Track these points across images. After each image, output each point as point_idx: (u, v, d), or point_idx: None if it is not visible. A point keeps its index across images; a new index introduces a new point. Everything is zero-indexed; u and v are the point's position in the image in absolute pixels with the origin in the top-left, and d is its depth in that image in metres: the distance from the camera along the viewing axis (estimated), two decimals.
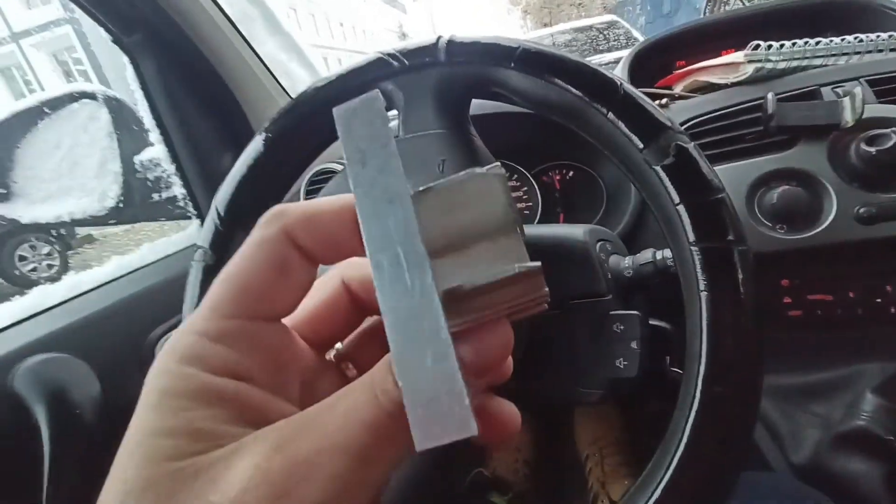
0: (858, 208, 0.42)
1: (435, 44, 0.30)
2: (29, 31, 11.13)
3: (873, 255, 0.43)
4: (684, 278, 0.25)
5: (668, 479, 0.22)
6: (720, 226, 0.23)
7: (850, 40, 0.53)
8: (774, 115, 0.45)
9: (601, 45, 2.93)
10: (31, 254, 2.46)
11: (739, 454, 0.22)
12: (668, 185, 0.24)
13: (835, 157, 0.44)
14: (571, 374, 0.36)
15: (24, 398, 0.41)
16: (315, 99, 0.33)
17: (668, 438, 0.23)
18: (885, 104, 0.46)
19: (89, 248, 3.20)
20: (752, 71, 0.53)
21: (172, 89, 0.61)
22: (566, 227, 0.39)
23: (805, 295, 0.46)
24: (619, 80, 0.26)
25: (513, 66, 0.28)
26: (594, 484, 0.68)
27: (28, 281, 2.37)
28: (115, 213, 0.70)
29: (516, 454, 0.75)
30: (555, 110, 0.28)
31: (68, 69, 11.18)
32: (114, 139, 0.67)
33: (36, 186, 0.70)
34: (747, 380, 0.22)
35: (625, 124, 0.25)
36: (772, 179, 0.46)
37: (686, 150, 0.24)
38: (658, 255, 0.36)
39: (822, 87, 0.49)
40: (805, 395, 0.47)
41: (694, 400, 0.22)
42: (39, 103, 0.68)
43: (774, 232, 0.44)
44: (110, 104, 0.68)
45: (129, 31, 0.59)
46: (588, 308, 0.35)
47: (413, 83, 0.31)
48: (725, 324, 0.22)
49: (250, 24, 0.66)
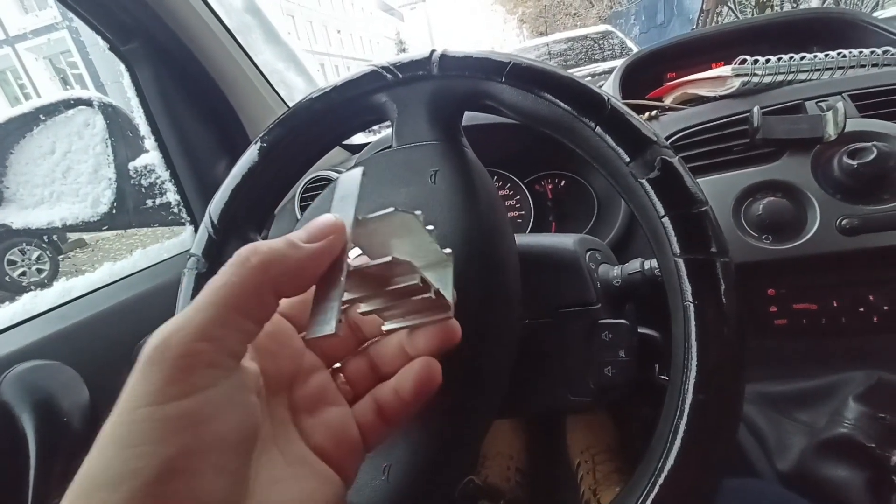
0: (841, 220, 0.43)
1: (428, 57, 0.31)
2: (25, 34, 11.09)
3: (856, 265, 0.44)
4: (669, 288, 0.25)
5: (653, 486, 0.22)
6: (703, 238, 0.24)
7: (834, 56, 0.54)
8: (760, 128, 0.46)
9: (596, 54, 2.97)
10: (20, 258, 2.43)
11: (723, 459, 0.23)
12: (653, 197, 0.25)
13: (818, 170, 0.45)
14: (562, 382, 0.36)
15: (12, 406, 0.41)
16: (311, 110, 0.34)
17: (653, 446, 0.24)
18: (866, 118, 0.47)
19: (80, 253, 3.17)
20: (738, 84, 0.54)
21: (169, 97, 0.61)
22: (557, 236, 0.40)
23: (790, 304, 0.46)
24: (607, 96, 0.27)
25: (504, 80, 0.29)
26: (586, 491, 0.68)
27: (17, 286, 2.34)
28: (108, 219, 0.69)
29: (508, 462, 0.75)
30: (544, 123, 0.29)
31: (64, 74, 11.13)
32: (108, 145, 0.67)
33: (28, 191, 0.70)
34: (730, 386, 0.23)
35: (612, 138, 0.26)
36: (758, 191, 0.47)
37: (671, 164, 0.25)
38: (646, 265, 0.36)
39: (806, 101, 0.50)
40: (790, 402, 0.48)
41: (678, 407, 0.23)
42: (35, 109, 0.68)
43: (760, 242, 0.45)
44: (106, 111, 0.68)
45: (127, 40, 0.59)
46: (578, 316, 0.36)
47: (406, 95, 0.32)
48: (708, 332, 0.23)
49: (248, 33, 0.67)
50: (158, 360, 0.14)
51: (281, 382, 0.20)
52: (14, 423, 0.41)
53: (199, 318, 0.15)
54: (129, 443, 0.13)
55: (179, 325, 0.15)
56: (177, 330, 0.15)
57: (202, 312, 0.15)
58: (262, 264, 0.16)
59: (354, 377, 0.22)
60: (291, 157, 0.35)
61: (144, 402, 0.14)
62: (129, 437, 0.13)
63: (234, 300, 0.15)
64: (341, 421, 0.20)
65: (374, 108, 0.33)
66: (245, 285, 0.16)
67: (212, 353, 0.15)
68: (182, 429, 0.14)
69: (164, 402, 0.14)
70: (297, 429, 0.19)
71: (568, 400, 0.36)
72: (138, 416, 0.14)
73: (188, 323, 0.15)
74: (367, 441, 0.21)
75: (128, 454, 0.13)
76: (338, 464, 0.19)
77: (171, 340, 0.14)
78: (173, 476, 0.13)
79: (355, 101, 0.33)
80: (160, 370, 0.14)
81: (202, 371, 0.15)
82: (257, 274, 0.16)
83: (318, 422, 0.20)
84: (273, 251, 0.17)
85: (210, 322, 0.15)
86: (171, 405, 0.14)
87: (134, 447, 0.13)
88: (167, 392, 0.14)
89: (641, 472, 0.24)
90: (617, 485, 0.67)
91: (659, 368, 0.35)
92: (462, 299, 0.28)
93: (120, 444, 0.13)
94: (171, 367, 0.14)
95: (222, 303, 0.15)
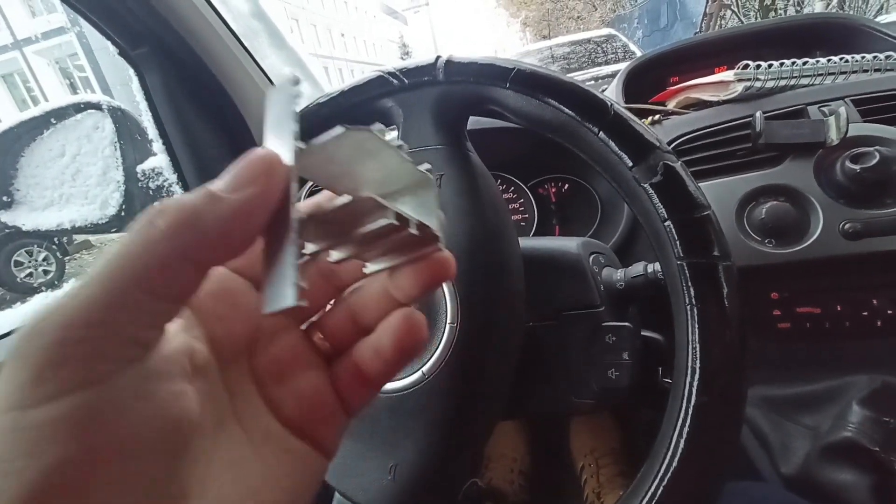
0: (844, 224, 0.43)
1: (434, 63, 0.31)
2: (32, 38, 11.21)
3: (859, 269, 0.45)
4: (672, 292, 0.25)
5: (655, 490, 0.23)
6: (706, 242, 0.24)
7: (836, 61, 0.55)
8: (763, 133, 0.46)
9: (599, 57, 2.97)
10: (27, 259, 2.45)
11: (725, 462, 0.23)
12: (656, 202, 0.25)
13: (821, 174, 0.46)
14: (565, 384, 0.37)
15: None
16: (317, 114, 0.34)
17: (656, 449, 0.24)
18: (869, 123, 0.47)
19: (87, 254, 3.19)
20: (741, 89, 0.54)
21: (177, 101, 0.62)
22: (560, 239, 0.40)
23: (794, 308, 0.47)
24: (610, 101, 0.27)
25: (508, 86, 0.29)
26: (590, 494, 0.68)
27: (25, 287, 2.36)
28: (116, 221, 0.70)
29: (511, 464, 0.75)
30: (548, 128, 0.29)
31: (71, 77, 11.25)
32: (117, 148, 0.68)
33: (38, 194, 0.71)
34: (732, 389, 0.23)
35: (615, 143, 0.27)
36: (760, 195, 0.47)
37: (673, 168, 0.25)
38: (649, 269, 0.37)
39: (808, 105, 0.50)
40: (794, 406, 0.48)
41: (681, 409, 0.23)
42: (45, 113, 0.69)
43: (763, 246, 0.45)
44: (115, 114, 0.69)
45: (136, 45, 0.60)
46: (581, 319, 0.36)
47: (412, 101, 0.33)
48: (711, 336, 0.23)
49: (255, 38, 0.68)
50: (25, 353, 0.11)
51: (236, 349, 0.17)
52: None
53: (82, 297, 0.11)
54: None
55: (56, 307, 0.11)
56: (50, 314, 0.11)
57: (86, 290, 0.12)
58: (171, 228, 0.12)
59: (334, 332, 0.19)
60: None
61: (6, 406, 0.11)
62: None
63: (134, 275, 0.12)
64: (315, 387, 0.17)
65: (380, 113, 0.34)
66: (149, 256, 0.12)
67: (98, 340, 0.11)
68: (59, 437, 0.11)
69: (32, 406, 0.11)
70: (262, 400, 0.17)
71: (571, 402, 0.36)
72: (0, 425, 0.11)
73: (67, 304, 0.11)
74: (349, 407, 0.18)
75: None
76: (314, 436, 0.17)
77: (41, 327, 0.11)
78: (51, 497, 0.10)
79: (362, 105, 0.34)
80: (26, 366, 0.11)
81: (83, 364, 0.11)
82: (166, 241, 0.12)
83: (289, 390, 0.17)
84: (184, 209, 0.12)
85: (96, 302, 0.11)
86: (41, 409, 0.11)
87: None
88: (35, 393, 0.11)
89: (644, 474, 0.24)
90: (621, 488, 0.67)
91: (662, 372, 0.36)
92: (466, 302, 0.29)
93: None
94: (41, 362, 0.11)
95: (117, 277, 0.12)
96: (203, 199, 0.13)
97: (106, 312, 0.12)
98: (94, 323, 0.11)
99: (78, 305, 0.11)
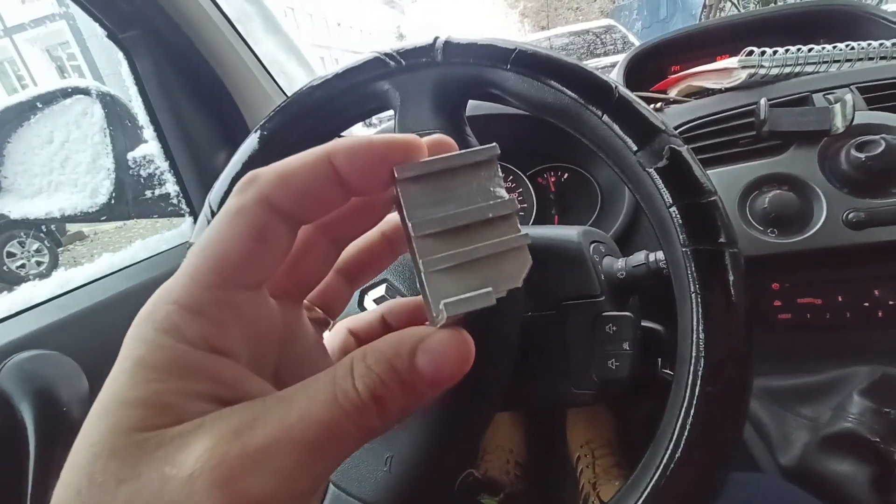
0: (848, 213, 0.43)
1: (432, 44, 0.30)
2: (23, 25, 11.01)
3: (861, 259, 0.44)
4: (676, 279, 0.25)
5: (658, 480, 0.22)
6: (712, 228, 0.24)
7: (842, 48, 0.54)
8: (767, 121, 0.45)
9: (598, 48, 2.95)
10: (19, 250, 2.43)
11: (729, 454, 0.22)
12: (661, 187, 0.25)
13: (825, 163, 0.45)
14: (565, 375, 0.36)
15: (10, 396, 0.41)
16: (311, 97, 0.33)
17: (658, 439, 0.23)
18: (874, 111, 0.46)
19: (80, 245, 3.17)
20: (745, 76, 0.53)
21: (168, 86, 0.61)
22: (560, 228, 0.39)
23: (795, 298, 0.46)
24: (614, 83, 0.26)
25: (509, 67, 0.28)
26: (585, 485, 0.68)
27: (16, 277, 2.34)
28: (106, 210, 0.69)
29: (508, 455, 0.75)
30: (550, 112, 0.28)
31: (62, 64, 11.07)
32: (107, 135, 0.67)
33: (26, 181, 0.69)
34: (738, 378, 0.22)
35: (619, 127, 0.26)
36: (764, 184, 0.46)
37: (679, 153, 0.25)
38: (651, 258, 0.36)
39: (813, 93, 0.49)
40: (794, 397, 0.47)
41: (684, 399, 0.22)
42: (32, 98, 0.68)
43: (765, 236, 0.45)
44: (104, 100, 0.67)
45: (125, 28, 0.59)
46: (581, 309, 0.36)
47: (410, 83, 0.31)
48: (716, 324, 0.23)
49: (248, 22, 0.66)
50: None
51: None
52: (13, 413, 0.40)
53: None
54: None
55: None
56: None
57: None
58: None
59: (332, 305, 0.20)
60: (292, 145, 0.34)
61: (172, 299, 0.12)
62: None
63: None
64: None
65: (377, 96, 0.33)
66: None
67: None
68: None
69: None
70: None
71: (571, 393, 0.36)
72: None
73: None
74: None
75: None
76: None
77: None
78: None
79: (357, 88, 0.33)
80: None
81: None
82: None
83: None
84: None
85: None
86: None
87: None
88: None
89: (646, 464, 0.23)
90: (617, 479, 0.67)
91: (662, 362, 0.35)
92: None
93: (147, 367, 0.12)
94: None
95: None
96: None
97: None
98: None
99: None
